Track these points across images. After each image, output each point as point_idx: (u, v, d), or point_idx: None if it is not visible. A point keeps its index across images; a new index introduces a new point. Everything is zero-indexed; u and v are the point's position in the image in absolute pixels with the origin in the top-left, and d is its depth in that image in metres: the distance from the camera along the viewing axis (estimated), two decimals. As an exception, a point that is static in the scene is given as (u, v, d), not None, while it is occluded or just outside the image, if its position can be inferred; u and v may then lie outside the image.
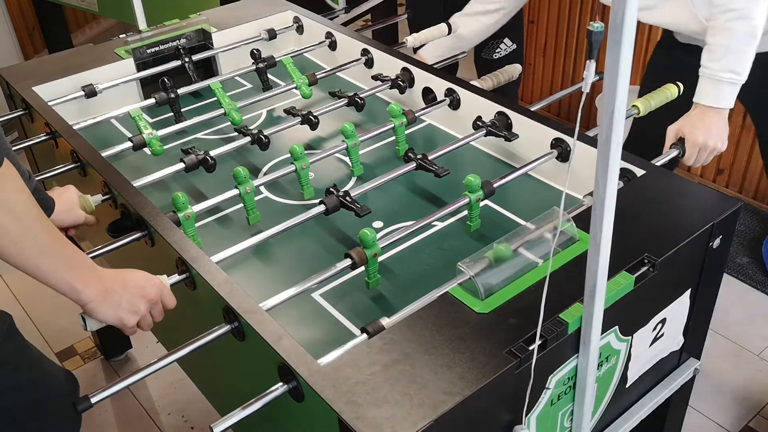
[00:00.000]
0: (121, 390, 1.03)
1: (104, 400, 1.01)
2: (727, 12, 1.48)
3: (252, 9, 2.15)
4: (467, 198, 1.33)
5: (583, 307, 0.94)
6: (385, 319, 1.06)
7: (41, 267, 1.00)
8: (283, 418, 1.08)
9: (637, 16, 0.71)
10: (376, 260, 1.23)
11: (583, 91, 0.79)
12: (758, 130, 2.00)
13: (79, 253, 1.05)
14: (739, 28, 1.48)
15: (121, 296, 1.08)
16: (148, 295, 1.11)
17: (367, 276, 1.24)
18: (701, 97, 1.54)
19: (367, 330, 1.04)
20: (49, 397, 1.26)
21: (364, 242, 1.21)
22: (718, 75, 1.51)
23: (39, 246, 0.99)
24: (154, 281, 1.13)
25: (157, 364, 1.05)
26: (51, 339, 2.40)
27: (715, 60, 1.50)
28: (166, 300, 1.15)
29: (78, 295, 1.04)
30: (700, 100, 1.54)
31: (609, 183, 0.80)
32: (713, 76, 1.51)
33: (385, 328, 1.04)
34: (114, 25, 4.05)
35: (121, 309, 1.08)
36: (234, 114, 1.70)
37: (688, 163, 1.56)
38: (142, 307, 1.10)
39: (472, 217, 1.36)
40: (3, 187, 0.95)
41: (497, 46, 2.47)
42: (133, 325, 1.11)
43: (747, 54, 1.49)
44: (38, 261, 1.00)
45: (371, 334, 1.03)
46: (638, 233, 1.17)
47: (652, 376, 1.31)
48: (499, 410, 1.00)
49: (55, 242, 1.01)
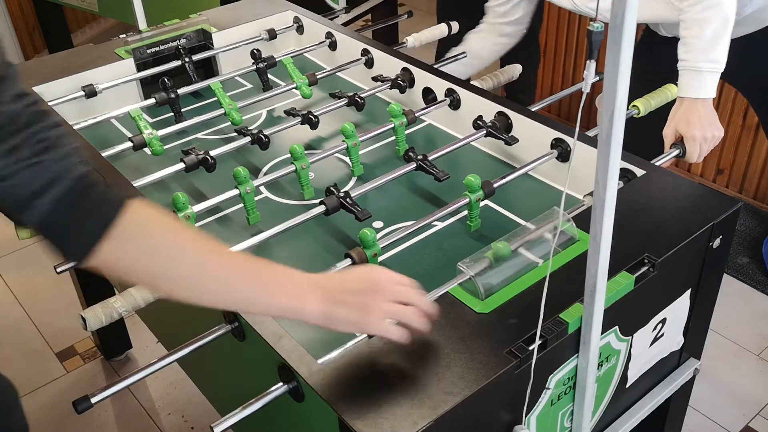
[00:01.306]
0: (121, 390, 1.03)
1: (104, 400, 1.01)
2: (698, 3, 1.50)
3: (252, 9, 2.15)
4: (467, 198, 1.33)
5: (583, 307, 0.95)
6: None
7: (237, 301, 0.90)
8: (283, 418, 1.08)
9: None
10: (377, 260, 1.23)
11: (583, 91, 0.79)
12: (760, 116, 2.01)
13: (270, 264, 0.93)
14: (712, 16, 1.48)
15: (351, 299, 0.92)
16: (378, 288, 0.93)
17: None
18: (684, 90, 1.54)
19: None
20: None
21: (364, 242, 1.21)
22: (698, 66, 1.51)
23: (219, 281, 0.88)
24: (375, 272, 0.96)
25: (157, 364, 1.05)
26: (51, 339, 2.40)
27: (692, 51, 1.51)
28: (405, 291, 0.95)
29: (299, 313, 0.90)
30: (683, 94, 1.55)
31: (609, 183, 0.80)
32: (693, 68, 1.52)
33: None
34: (114, 25, 4.06)
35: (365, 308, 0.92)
36: (234, 114, 1.70)
37: (691, 160, 1.56)
38: (381, 305, 0.92)
39: (472, 217, 1.36)
40: (150, 232, 0.85)
41: None
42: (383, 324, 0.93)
43: (723, 40, 1.50)
44: (227, 297, 0.89)
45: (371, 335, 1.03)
46: (638, 233, 1.17)
47: (652, 376, 1.31)
48: (499, 410, 1.00)
49: (233, 265, 0.90)
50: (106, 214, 0.82)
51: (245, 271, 0.90)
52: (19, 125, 0.79)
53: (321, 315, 0.91)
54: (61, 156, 0.81)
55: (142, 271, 0.86)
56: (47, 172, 0.79)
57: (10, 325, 2.46)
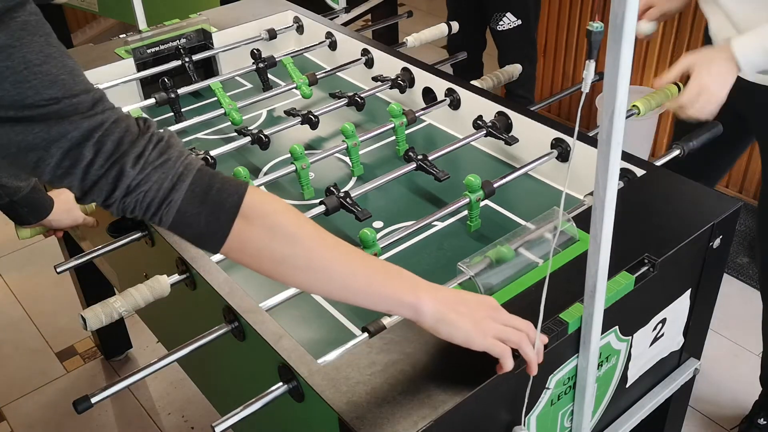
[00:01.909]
0: (121, 390, 1.03)
1: (104, 400, 1.01)
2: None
3: (252, 9, 2.15)
4: (467, 198, 1.33)
5: (583, 307, 0.94)
6: (386, 318, 1.06)
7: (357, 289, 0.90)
8: (283, 418, 1.08)
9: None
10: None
11: (583, 91, 0.79)
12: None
13: (389, 264, 0.94)
14: None
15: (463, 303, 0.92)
16: (493, 309, 0.94)
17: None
18: (736, 43, 1.44)
19: (368, 329, 1.04)
20: None
21: (365, 242, 1.21)
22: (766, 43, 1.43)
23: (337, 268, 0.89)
24: (492, 299, 0.97)
25: (157, 364, 1.05)
26: (51, 339, 2.40)
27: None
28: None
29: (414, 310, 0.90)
30: (733, 43, 1.45)
31: (609, 183, 0.80)
32: (762, 37, 1.43)
33: (386, 328, 1.04)
34: (114, 25, 4.05)
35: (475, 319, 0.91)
36: (234, 114, 1.70)
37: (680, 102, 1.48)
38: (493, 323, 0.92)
39: (473, 217, 1.36)
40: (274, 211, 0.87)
41: (500, 19, 2.63)
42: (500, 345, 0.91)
43: None
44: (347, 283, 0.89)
45: (372, 333, 1.03)
46: (638, 233, 1.17)
47: (652, 376, 1.31)
48: (499, 410, 1.00)
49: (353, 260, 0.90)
50: (234, 199, 0.84)
51: (366, 260, 0.91)
52: (137, 132, 0.81)
53: (435, 315, 0.90)
54: (179, 151, 0.84)
55: (266, 253, 0.86)
56: (174, 168, 0.82)
57: (10, 325, 2.46)
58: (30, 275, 2.65)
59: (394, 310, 0.91)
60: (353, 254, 0.91)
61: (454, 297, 0.93)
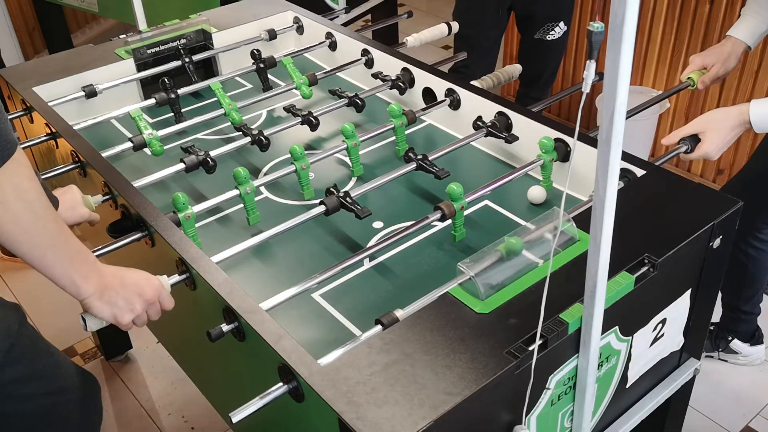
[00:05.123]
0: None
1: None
2: None
3: (252, 9, 2.15)
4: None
5: (584, 307, 0.95)
6: (399, 311, 1.06)
7: (47, 258, 1.00)
8: (283, 418, 1.08)
9: None
10: (462, 213, 1.31)
11: (583, 92, 0.79)
12: None
13: (83, 248, 1.05)
14: None
15: (117, 293, 1.08)
16: (145, 294, 1.11)
17: (453, 229, 1.34)
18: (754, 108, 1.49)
19: (381, 321, 1.05)
20: (69, 386, 1.27)
21: (452, 196, 1.29)
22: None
23: (47, 236, 0.99)
24: (153, 282, 1.13)
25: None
26: (51, 339, 2.38)
27: None
28: (164, 301, 1.15)
29: (77, 289, 1.04)
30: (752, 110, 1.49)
31: (609, 183, 0.80)
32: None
33: (400, 320, 1.04)
34: (114, 25, 4.05)
35: (116, 306, 1.08)
36: (234, 114, 1.70)
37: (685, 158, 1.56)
38: (137, 306, 1.10)
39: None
40: (16, 172, 0.93)
41: (552, 29, 2.50)
42: (127, 322, 1.11)
43: None
44: (45, 251, 0.99)
45: (386, 325, 1.04)
46: (638, 233, 1.17)
47: (653, 376, 1.31)
48: (500, 410, 1.00)
49: (62, 234, 1.01)
50: None
51: (66, 233, 1.02)
52: None
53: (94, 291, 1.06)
54: None
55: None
56: None
57: (10, 326, 2.46)
58: (30, 275, 2.65)
59: (66, 288, 1.04)
60: (63, 231, 1.01)
61: (116, 284, 1.08)
